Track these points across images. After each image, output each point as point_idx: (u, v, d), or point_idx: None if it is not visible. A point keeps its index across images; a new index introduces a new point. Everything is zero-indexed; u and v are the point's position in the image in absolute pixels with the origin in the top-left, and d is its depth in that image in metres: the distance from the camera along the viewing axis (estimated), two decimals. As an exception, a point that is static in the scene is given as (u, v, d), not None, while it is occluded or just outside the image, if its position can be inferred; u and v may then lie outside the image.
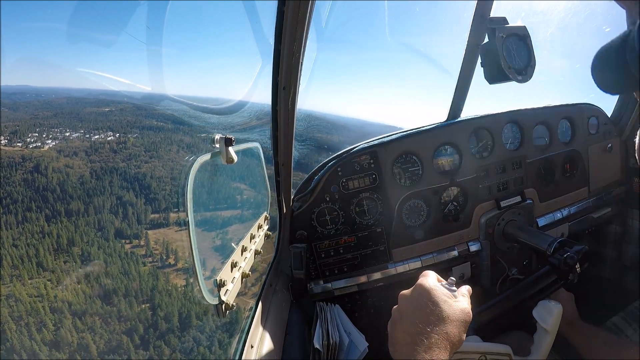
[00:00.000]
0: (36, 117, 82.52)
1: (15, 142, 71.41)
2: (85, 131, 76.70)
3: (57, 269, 50.10)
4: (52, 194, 59.33)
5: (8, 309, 45.39)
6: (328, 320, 1.41)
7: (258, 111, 1.74)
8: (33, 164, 64.51)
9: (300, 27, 0.94)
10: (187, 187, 0.89)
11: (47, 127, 77.21)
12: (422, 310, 0.74)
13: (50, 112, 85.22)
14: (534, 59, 1.25)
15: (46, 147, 70.18)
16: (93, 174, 65.15)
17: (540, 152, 1.84)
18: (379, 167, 1.63)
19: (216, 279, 0.99)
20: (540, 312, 1.15)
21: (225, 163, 1.08)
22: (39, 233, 53.28)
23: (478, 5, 1.46)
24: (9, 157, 65.47)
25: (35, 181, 60.80)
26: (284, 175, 1.44)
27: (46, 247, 51.29)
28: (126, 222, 57.41)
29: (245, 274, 1.18)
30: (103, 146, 71.93)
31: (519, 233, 1.67)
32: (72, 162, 66.76)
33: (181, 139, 74.50)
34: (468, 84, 1.74)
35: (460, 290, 0.82)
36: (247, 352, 1.08)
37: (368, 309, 1.83)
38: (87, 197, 60.68)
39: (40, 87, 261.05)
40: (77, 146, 71.25)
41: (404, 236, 1.67)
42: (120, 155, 70.12)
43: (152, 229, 58.44)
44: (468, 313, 0.75)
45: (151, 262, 52.33)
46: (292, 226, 1.62)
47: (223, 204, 3.24)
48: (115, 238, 55.77)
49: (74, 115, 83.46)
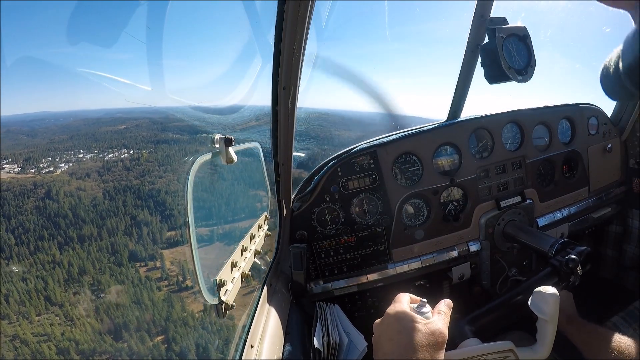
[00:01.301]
0: (52, 142, 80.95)
1: (28, 169, 69.84)
2: (99, 151, 75.37)
3: (65, 303, 46.60)
4: (64, 219, 57.08)
5: (13, 352, 42.24)
6: (328, 320, 1.41)
7: (258, 111, 1.74)
8: (45, 190, 62.45)
9: (300, 27, 0.94)
10: (187, 187, 0.89)
11: (61, 150, 76.07)
12: (391, 340, 0.74)
13: (66, 135, 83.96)
14: (534, 59, 1.26)
15: (58, 171, 68.70)
16: (106, 194, 62.72)
17: (540, 152, 1.84)
18: (379, 167, 1.63)
19: (216, 279, 0.99)
20: (536, 302, 1.12)
21: (225, 163, 1.08)
22: (50, 263, 50.51)
23: (478, 5, 1.46)
24: (20, 185, 63.55)
25: (47, 208, 58.61)
26: (284, 175, 1.44)
27: (56, 279, 48.60)
28: (141, 244, 54.36)
29: (245, 274, 1.18)
30: (116, 164, 69.70)
31: (519, 233, 1.67)
32: (84, 184, 64.74)
33: (197, 149, 73.14)
34: (468, 84, 1.74)
35: (437, 308, 0.82)
36: (247, 352, 1.07)
37: (368, 309, 1.83)
38: (100, 219, 58.07)
39: (59, 111, 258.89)
40: (89, 167, 69.64)
41: (403, 236, 1.67)
42: (134, 172, 67.78)
43: (168, 247, 55.07)
44: (441, 334, 0.74)
45: (167, 286, 48.63)
46: (292, 226, 1.62)
47: (223, 204, 3.24)
48: (130, 262, 52.35)
49: (89, 136, 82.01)
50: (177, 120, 53.42)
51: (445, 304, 0.83)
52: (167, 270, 49.71)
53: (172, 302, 45.74)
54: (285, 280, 1.56)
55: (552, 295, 1.06)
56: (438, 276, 1.77)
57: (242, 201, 3.02)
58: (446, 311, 0.82)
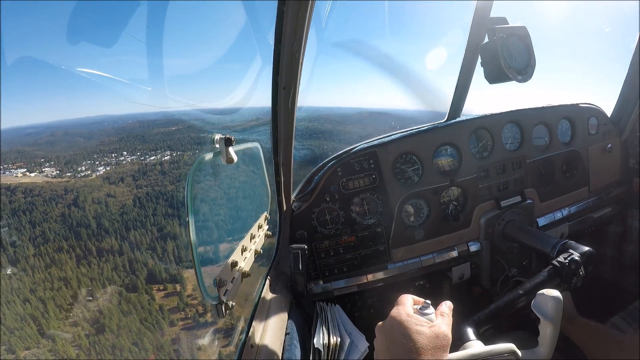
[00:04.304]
0: (101, 144, 76.16)
1: (65, 173, 65.39)
2: (141, 153, 70.26)
3: (57, 338, 39.36)
4: (87, 229, 51.23)
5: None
6: (328, 320, 1.41)
7: (258, 111, 1.74)
8: (73, 196, 57.43)
9: (300, 27, 0.94)
10: (187, 187, 0.89)
11: (105, 152, 71.45)
12: (395, 344, 0.74)
13: (116, 137, 78.78)
14: (534, 59, 1.25)
15: (94, 175, 64.47)
16: (136, 201, 56.65)
17: (540, 152, 1.84)
18: (379, 167, 1.63)
19: (216, 279, 0.99)
20: (539, 305, 1.13)
21: (225, 163, 1.08)
22: (59, 280, 43.85)
23: (478, 5, 1.47)
24: (52, 190, 58.16)
25: (71, 216, 53.44)
26: (284, 175, 1.44)
27: (58, 302, 41.49)
28: (164, 262, 47.25)
29: (245, 274, 1.18)
30: (154, 168, 64.17)
31: (519, 234, 1.66)
32: (115, 189, 59.38)
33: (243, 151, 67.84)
34: (468, 84, 1.75)
35: (439, 310, 0.81)
36: (247, 352, 1.08)
37: (368, 309, 1.83)
38: (125, 230, 51.65)
39: (120, 114, 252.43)
40: (126, 171, 64.22)
41: (404, 236, 1.67)
42: (170, 176, 61.77)
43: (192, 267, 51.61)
44: (445, 336, 0.74)
45: (182, 320, 40.23)
46: (292, 226, 1.62)
47: (223, 204, 3.24)
48: (147, 284, 44.96)
49: (139, 137, 76.77)
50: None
51: (446, 305, 0.83)
52: (187, 297, 42.53)
53: (182, 345, 37.59)
54: (285, 280, 1.56)
55: (555, 299, 1.06)
56: (438, 276, 1.77)
57: (242, 201, 2.99)
58: (448, 312, 0.82)
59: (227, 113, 2.15)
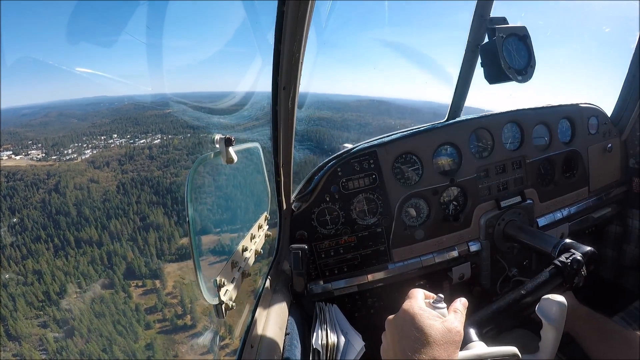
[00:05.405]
0: (93, 126, 71.92)
1: (51, 156, 61.16)
2: (131, 136, 66.07)
3: (23, 342, 36.04)
4: (66, 217, 47.81)
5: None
6: (327, 320, 1.41)
7: (258, 111, 1.74)
8: (55, 181, 53.57)
9: (300, 27, 0.94)
10: (188, 187, 0.89)
11: (95, 135, 67.06)
12: (407, 337, 0.72)
13: (109, 119, 74.50)
14: (534, 59, 1.26)
15: (80, 158, 60.59)
16: (120, 187, 52.75)
17: (540, 152, 1.84)
18: (379, 167, 1.63)
19: (216, 279, 0.99)
20: (543, 309, 1.13)
21: (225, 163, 1.08)
22: (33, 274, 40.45)
23: (478, 5, 1.47)
24: (34, 175, 54.18)
25: (51, 203, 49.72)
26: (284, 176, 1.44)
27: (29, 300, 38.08)
28: (144, 254, 43.72)
29: (245, 274, 1.18)
30: (142, 152, 60.05)
31: (520, 234, 1.66)
32: (99, 174, 55.59)
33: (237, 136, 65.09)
34: (468, 84, 1.74)
35: (453, 306, 0.80)
36: (247, 352, 1.08)
37: (368, 309, 1.83)
38: (106, 218, 48.03)
39: (116, 96, 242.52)
40: (112, 154, 60.25)
41: (404, 236, 1.67)
42: (157, 161, 57.89)
43: (176, 261, 43.13)
44: (457, 332, 0.73)
45: (159, 321, 37.13)
46: (292, 226, 1.62)
47: (223, 204, 3.25)
48: (124, 280, 41.55)
49: (132, 120, 72.40)
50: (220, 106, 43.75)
51: (461, 302, 0.82)
52: (166, 296, 39.51)
53: (156, 351, 33.53)
54: (285, 280, 1.56)
55: (560, 304, 1.06)
56: (438, 276, 1.77)
57: (242, 201, 2.99)
58: (462, 310, 0.81)
59: (227, 113, 2.16)
